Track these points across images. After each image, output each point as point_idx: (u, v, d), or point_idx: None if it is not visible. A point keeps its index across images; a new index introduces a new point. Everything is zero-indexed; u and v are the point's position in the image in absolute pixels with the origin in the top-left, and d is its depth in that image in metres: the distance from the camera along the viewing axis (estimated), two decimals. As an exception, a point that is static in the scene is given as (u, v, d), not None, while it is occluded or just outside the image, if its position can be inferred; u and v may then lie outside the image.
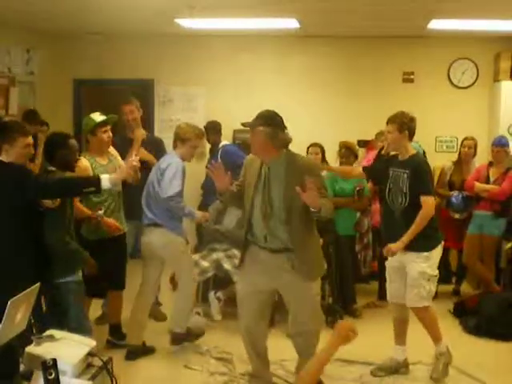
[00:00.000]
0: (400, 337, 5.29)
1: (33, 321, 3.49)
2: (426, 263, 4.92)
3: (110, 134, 5.49)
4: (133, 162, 4.49)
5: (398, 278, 5.10)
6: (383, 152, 6.27)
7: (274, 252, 4.45)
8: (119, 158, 5.77)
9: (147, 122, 7.48)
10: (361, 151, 8.31)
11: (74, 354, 3.22)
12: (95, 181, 4.33)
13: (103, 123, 5.39)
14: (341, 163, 6.94)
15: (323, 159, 7.25)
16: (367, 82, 8.95)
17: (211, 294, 6.59)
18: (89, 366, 3.32)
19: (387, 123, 5.13)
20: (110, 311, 5.87)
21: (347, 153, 6.88)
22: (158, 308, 6.61)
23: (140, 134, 6.49)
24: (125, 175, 4.46)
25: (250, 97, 9.03)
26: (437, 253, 5.03)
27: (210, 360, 5.51)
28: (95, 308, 6.09)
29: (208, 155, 8.15)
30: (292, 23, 7.82)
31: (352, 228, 6.93)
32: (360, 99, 8.89)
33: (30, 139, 4.35)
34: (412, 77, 8.97)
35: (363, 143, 8.49)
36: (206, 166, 7.94)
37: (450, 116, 8.75)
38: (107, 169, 5.28)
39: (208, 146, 8.20)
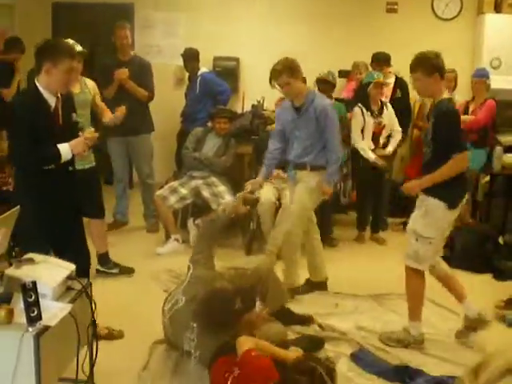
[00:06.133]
0: (456, 295, 4.67)
1: (12, 244, 3.50)
2: (420, 221, 4.36)
3: (79, 66, 5.29)
4: (91, 134, 4.26)
5: None
6: None
7: None
8: (96, 90, 5.77)
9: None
10: (342, 81, 8.30)
11: (54, 277, 3.25)
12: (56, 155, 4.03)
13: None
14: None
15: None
16: (351, 12, 8.83)
17: (190, 221, 6.64)
18: (68, 289, 3.37)
19: (411, 71, 4.42)
20: (96, 241, 5.70)
21: (325, 87, 6.81)
22: (154, 221, 7.10)
23: (122, 73, 6.66)
24: (80, 150, 4.14)
25: (230, 24, 8.92)
26: (440, 212, 4.30)
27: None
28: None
29: (187, 83, 8.11)
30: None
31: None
32: (344, 29, 8.80)
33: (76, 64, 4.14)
34: (396, 7, 8.87)
35: (344, 73, 8.47)
36: (185, 93, 7.93)
37: (432, 48, 8.51)
38: (78, 99, 5.08)
39: (186, 74, 8.15)
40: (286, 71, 4.99)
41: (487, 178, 7.32)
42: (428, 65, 4.32)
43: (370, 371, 4.15)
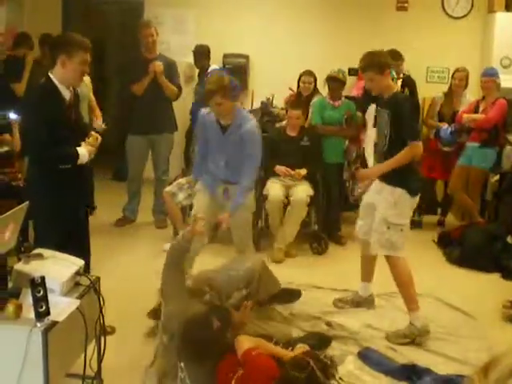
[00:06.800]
0: (366, 274, 5.15)
1: (21, 239, 3.51)
2: (391, 210, 4.53)
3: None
4: (95, 139, 4.27)
5: (365, 216, 4.85)
6: None
7: None
8: (90, 86, 6.10)
9: (137, 46, 7.40)
10: (352, 79, 8.29)
11: (62, 272, 3.26)
12: (74, 156, 4.10)
13: None
14: (332, 97, 6.88)
15: (315, 88, 7.22)
16: (361, 10, 8.78)
17: (197, 218, 6.63)
18: (77, 284, 3.38)
19: (363, 71, 4.64)
20: None
21: (335, 85, 6.80)
22: (163, 217, 7.13)
23: (158, 66, 6.74)
24: (92, 156, 4.27)
25: (240, 21, 8.90)
26: (407, 202, 4.56)
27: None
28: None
29: (197, 80, 8.10)
30: None
31: (340, 156, 6.93)
32: (354, 27, 8.76)
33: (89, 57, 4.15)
34: (406, 5, 8.82)
35: (354, 71, 8.45)
36: (194, 91, 7.92)
37: (442, 46, 8.65)
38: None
39: (196, 72, 8.15)
40: (219, 92, 4.80)
41: (496, 177, 7.29)
42: (379, 63, 4.50)
43: (377, 370, 4.15)
